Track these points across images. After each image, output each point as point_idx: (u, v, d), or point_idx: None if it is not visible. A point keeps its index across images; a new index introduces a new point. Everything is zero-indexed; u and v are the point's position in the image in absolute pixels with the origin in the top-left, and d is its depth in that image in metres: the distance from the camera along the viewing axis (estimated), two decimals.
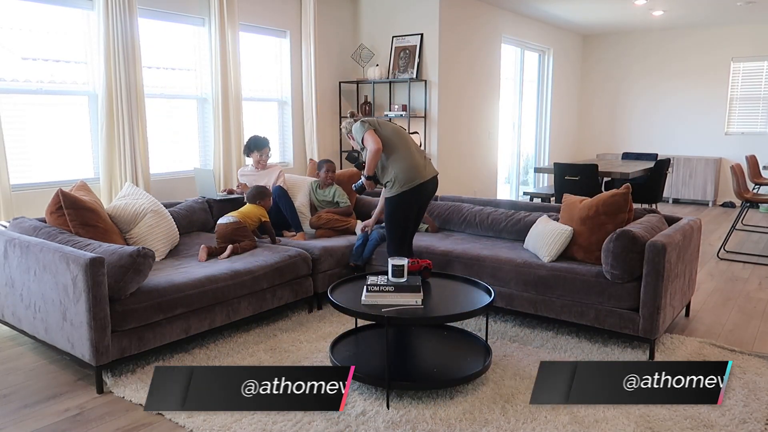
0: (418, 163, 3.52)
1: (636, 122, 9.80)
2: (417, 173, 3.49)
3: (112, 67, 4.63)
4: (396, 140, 3.53)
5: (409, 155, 3.52)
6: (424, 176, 3.51)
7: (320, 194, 4.69)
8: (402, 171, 3.47)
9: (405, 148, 3.53)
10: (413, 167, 3.49)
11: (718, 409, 2.64)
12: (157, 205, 3.85)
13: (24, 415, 2.60)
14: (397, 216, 3.55)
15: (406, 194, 3.48)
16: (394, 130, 3.60)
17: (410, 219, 3.60)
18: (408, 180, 3.47)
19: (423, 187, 3.52)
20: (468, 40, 7.09)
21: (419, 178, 3.49)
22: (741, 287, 4.59)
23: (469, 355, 2.99)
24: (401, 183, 3.47)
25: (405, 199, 3.49)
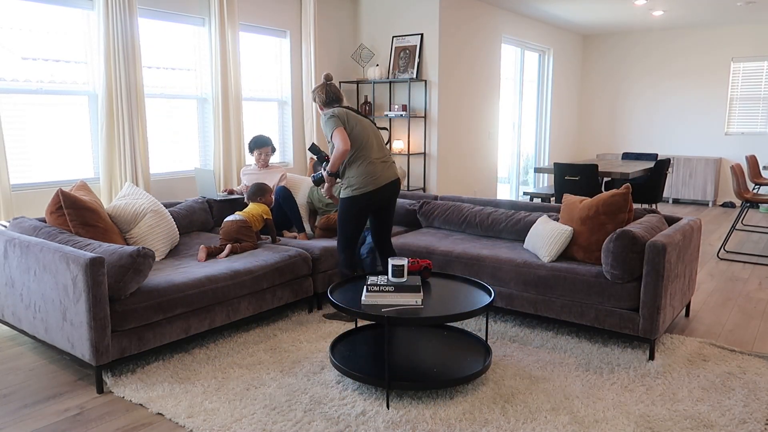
0: (375, 170, 3.51)
1: (636, 122, 9.80)
2: (372, 180, 3.49)
3: (112, 67, 4.63)
4: (361, 141, 3.51)
5: (368, 160, 3.52)
6: (378, 183, 3.51)
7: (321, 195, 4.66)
8: (357, 176, 3.49)
9: (367, 150, 3.52)
10: (370, 173, 3.49)
11: (718, 409, 2.65)
12: (157, 205, 3.86)
13: (24, 415, 2.60)
14: (347, 216, 3.56)
15: (357, 198, 3.51)
16: (362, 128, 3.55)
17: (361, 220, 3.58)
18: (361, 185, 3.49)
19: (375, 193, 3.52)
20: (468, 40, 7.09)
21: (372, 185, 3.49)
22: (741, 287, 4.59)
23: (469, 355, 2.99)
24: (353, 188, 3.50)
25: (356, 202, 3.52)
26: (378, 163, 3.54)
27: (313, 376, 2.96)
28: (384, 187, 3.54)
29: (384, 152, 3.63)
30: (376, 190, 3.51)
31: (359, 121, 3.56)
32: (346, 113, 3.53)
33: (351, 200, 3.52)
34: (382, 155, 3.61)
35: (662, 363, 3.12)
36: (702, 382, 2.90)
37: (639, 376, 2.97)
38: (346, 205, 3.55)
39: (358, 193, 3.48)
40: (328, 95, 3.65)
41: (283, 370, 3.03)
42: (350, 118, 3.53)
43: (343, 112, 3.52)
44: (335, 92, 3.66)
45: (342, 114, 3.51)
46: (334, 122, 3.44)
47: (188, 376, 2.96)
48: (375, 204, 3.56)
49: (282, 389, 2.81)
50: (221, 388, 2.83)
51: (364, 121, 3.62)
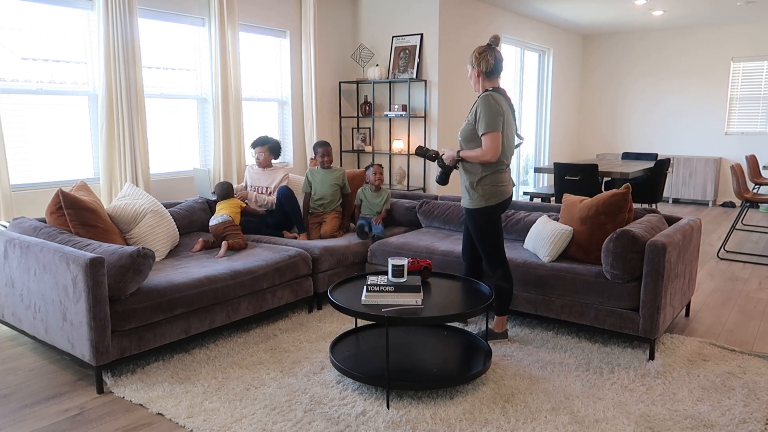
0: (505, 177, 3.26)
1: (636, 122, 9.80)
2: (504, 189, 3.24)
3: (112, 67, 4.63)
4: (506, 146, 3.20)
5: (505, 165, 3.24)
6: (508, 192, 3.27)
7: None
8: (494, 183, 3.20)
9: (507, 156, 3.24)
10: (504, 181, 3.24)
11: (718, 409, 2.65)
12: (157, 205, 3.86)
13: (24, 415, 2.60)
14: (489, 227, 3.25)
15: (493, 209, 3.23)
16: (509, 130, 3.22)
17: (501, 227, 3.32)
18: (497, 194, 3.21)
19: (505, 203, 3.28)
20: (468, 40, 7.09)
21: (505, 194, 3.25)
22: (741, 287, 4.59)
23: (469, 355, 2.99)
24: (487, 197, 3.20)
25: (493, 212, 3.24)
26: (508, 170, 3.29)
27: (313, 376, 2.96)
28: (510, 197, 3.31)
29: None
30: (507, 200, 3.27)
31: (508, 120, 3.20)
32: (505, 111, 3.15)
33: (486, 211, 3.22)
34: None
35: (662, 363, 3.12)
36: (702, 382, 2.90)
37: (639, 376, 2.97)
38: (483, 217, 3.22)
39: (494, 202, 3.20)
40: (497, 63, 3.15)
41: (283, 370, 3.03)
42: (506, 117, 3.16)
43: (503, 107, 3.13)
44: (498, 61, 3.15)
45: (503, 110, 3.13)
46: (495, 121, 3.06)
47: (188, 376, 2.96)
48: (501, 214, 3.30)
49: (282, 389, 2.81)
50: (221, 388, 2.83)
51: (509, 116, 3.23)
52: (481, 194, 3.19)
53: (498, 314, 3.41)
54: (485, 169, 3.18)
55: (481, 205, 3.20)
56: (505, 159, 3.22)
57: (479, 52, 3.13)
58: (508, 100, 3.20)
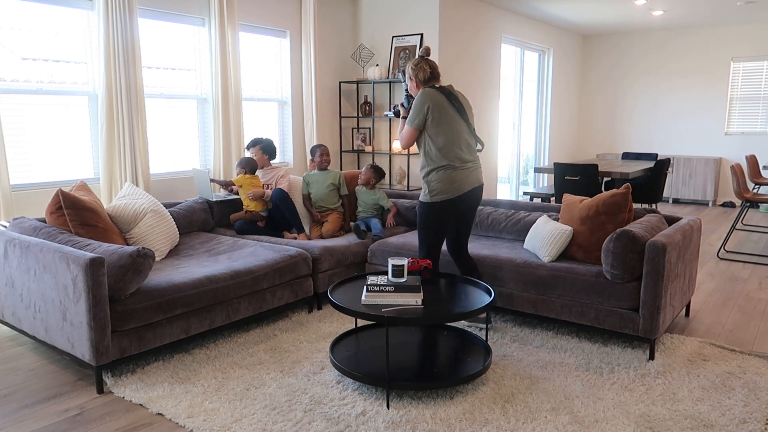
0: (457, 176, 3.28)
1: (636, 122, 9.80)
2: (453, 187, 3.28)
3: (112, 67, 4.63)
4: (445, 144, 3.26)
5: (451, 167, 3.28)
6: (460, 190, 3.30)
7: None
8: (437, 181, 3.27)
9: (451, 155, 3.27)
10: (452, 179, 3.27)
11: (718, 409, 2.65)
12: (157, 205, 3.86)
13: (24, 415, 2.60)
14: (427, 223, 3.36)
15: (436, 205, 3.30)
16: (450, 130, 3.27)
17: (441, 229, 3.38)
18: (441, 191, 3.28)
19: (456, 201, 3.31)
20: (468, 40, 7.09)
21: (453, 192, 3.28)
22: (741, 287, 4.59)
23: (469, 355, 2.99)
24: (433, 193, 3.29)
25: (435, 209, 3.31)
26: (461, 170, 3.30)
27: (313, 376, 2.96)
28: (466, 194, 3.32)
29: (472, 156, 3.38)
30: (459, 197, 3.29)
31: (450, 121, 3.26)
32: (439, 107, 3.25)
33: (430, 206, 3.32)
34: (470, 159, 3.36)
35: (662, 363, 3.12)
36: (702, 382, 2.90)
37: (639, 376, 2.97)
38: (424, 211, 3.34)
39: (438, 199, 3.27)
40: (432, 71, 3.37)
41: (283, 370, 3.03)
42: (443, 114, 3.25)
43: (437, 102, 3.25)
44: (434, 68, 3.36)
45: (435, 105, 3.24)
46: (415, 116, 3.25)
47: (188, 376, 2.96)
48: (454, 212, 3.35)
49: (282, 389, 2.81)
50: (221, 388, 2.83)
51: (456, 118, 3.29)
52: (427, 189, 3.32)
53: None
54: (429, 163, 3.29)
55: (425, 199, 3.33)
56: (447, 158, 3.25)
57: (415, 64, 3.37)
58: (453, 97, 3.28)
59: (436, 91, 3.26)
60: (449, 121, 3.25)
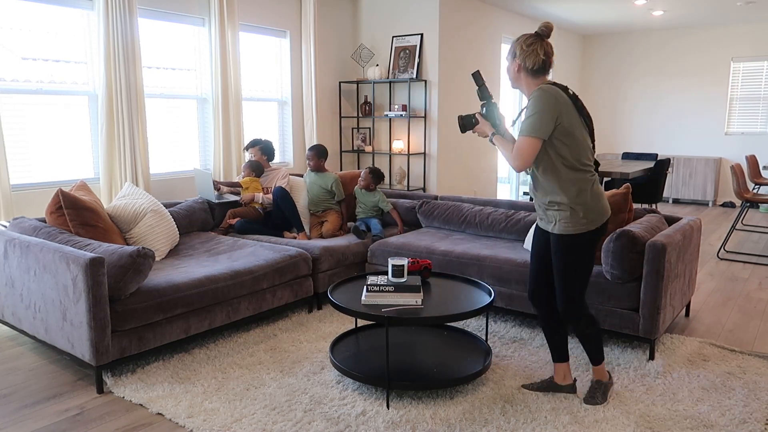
0: (602, 191, 2.55)
1: (636, 122, 9.80)
2: (604, 207, 2.52)
3: (112, 67, 4.63)
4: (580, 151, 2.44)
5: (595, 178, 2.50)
6: (608, 211, 2.54)
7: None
8: (588, 201, 2.45)
9: (588, 162, 2.48)
10: (601, 196, 2.51)
11: (718, 409, 2.64)
12: (157, 205, 3.86)
13: (24, 415, 2.60)
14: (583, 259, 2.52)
15: (592, 234, 2.48)
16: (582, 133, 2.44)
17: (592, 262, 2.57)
18: (596, 214, 2.47)
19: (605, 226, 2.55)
20: (468, 40, 7.09)
21: (605, 213, 2.52)
22: (741, 287, 4.59)
23: (469, 355, 2.99)
24: (587, 220, 2.46)
25: (591, 238, 2.49)
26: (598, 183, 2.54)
27: (313, 376, 2.96)
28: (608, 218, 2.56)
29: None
30: (607, 222, 2.54)
31: (579, 123, 2.44)
32: (568, 112, 2.39)
33: (584, 237, 2.46)
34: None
35: (662, 363, 3.12)
36: (702, 382, 2.90)
37: (639, 376, 2.97)
38: (578, 245, 2.47)
39: (594, 226, 2.45)
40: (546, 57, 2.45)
41: (283, 370, 3.03)
42: (573, 118, 2.41)
43: (562, 106, 2.38)
44: (549, 56, 2.45)
45: (562, 110, 2.38)
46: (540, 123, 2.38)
47: (188, 376, 2.96)
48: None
49: (282, 389, 2.81)
50: (221, 388, 2.83)
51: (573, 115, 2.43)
52: (583, 213, 2.42)
53: (594, 364, 2.71)
54: (575, 175, 2.43)
55: (581, 229, 2.44)
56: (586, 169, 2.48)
57: (528, 43, 2.43)
58: (574, 100, 2.46)
59: (558, 91, 2.42)
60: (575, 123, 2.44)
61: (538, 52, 2.42)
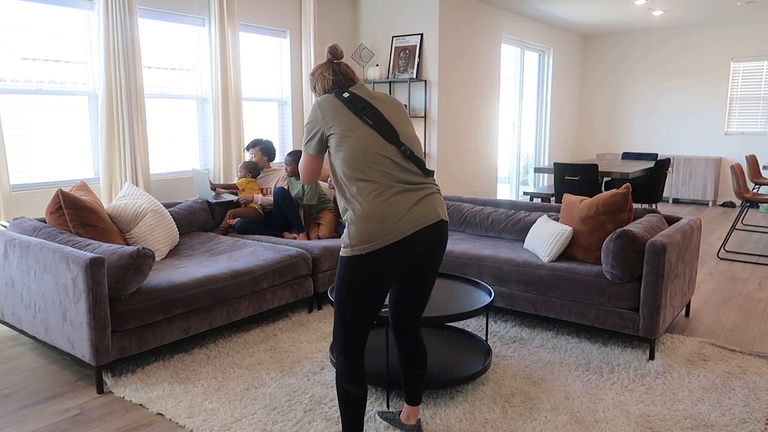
0: (390, 208, 2.02)
1: (636, 122, 9.80)
2: (385, 228, 2.00)
3: (112, 67, 4.63)
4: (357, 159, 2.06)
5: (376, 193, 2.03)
6: (400, 231, 2.00)
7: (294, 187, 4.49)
8: (358, 222, 2.02)
9: (375, 173, 2.06)
10: (379, 215, 2.01)
11: (718, 409, 2.64)
12: (157, 205, 3.86)
13: (24, 415, 2.60)
14: (348, 289, 2.06)
15: (361, 260, 2.02)
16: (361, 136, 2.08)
17: (373, 296, 2.06)
18: (367, 238, 2.00)
19: (396, 248, 2.02)
20: (468, 40, 7.09)
21: (388, 235, 1.99)
22: (741, 287, 4.59)
23: (469, 355, 2.99)
24: (353, 243, 2.02)
25: (360, 266, 2.02)
26: (396, 195, 2.06)
27: (313, 376, 2.96)
28: (413, 236, 2.04)
29: (409, 174, 2.12)
30: (398, 243, 2.02)
31: (358, 126, 2.10)
32: (331, 104, 2.14)
33: (350, 261, 2.04)
34: (407, 179, 2.10)
35: (662, 363, 3.12)
36: (702, 382, 2.90)
37: (639, 376, 2.97)
38: (343, 270, 2.06)
39: (364, 251, 2.01)
40: (336, 76, 2.27)
41: (283, 370, 3.03)
42: (349, 123, 2.10)
43: (328, 114, 2.12)
44: (345, 73, 2.28)
45: (327, 112, 2.13)
46: (308, 136, 2.17)
47: (188, 376, 2.96)
48: (398, 265, 2.07)
49: (282, 389, 2.81)
50: (221, 388, 2.83)
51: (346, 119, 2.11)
52: (348, 233, 2.05)
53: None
54: (353, 188, 2.07)
55: (346, 253, 2.04)
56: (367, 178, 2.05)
57: (315, 72, 2.32)
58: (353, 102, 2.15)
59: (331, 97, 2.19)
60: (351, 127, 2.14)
61: (325, 75, 2.27)
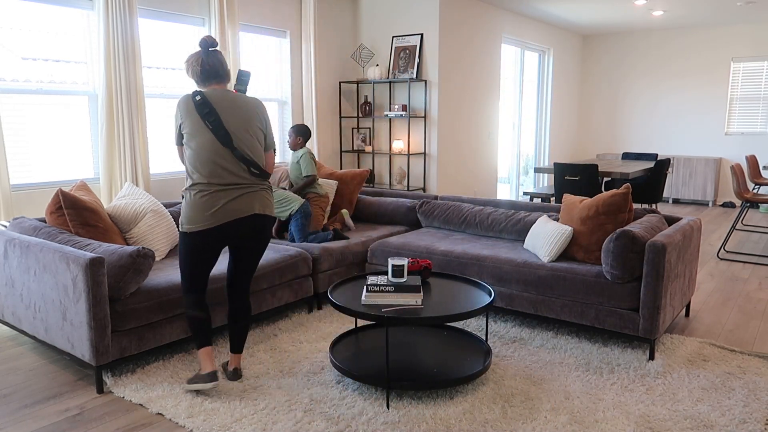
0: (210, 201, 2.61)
1: (636, 122, 9.80)
2: (204, 216, 2.62)
3: (112, 67, 4.63)
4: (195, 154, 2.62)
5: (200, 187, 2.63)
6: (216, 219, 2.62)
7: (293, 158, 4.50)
8: (186, 206, 2.64)
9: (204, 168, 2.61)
10: (200, 205, 2.62)
11: (718, 409, 2.64)
12: (157, 205, 3.85)
13: (24, 415, 2.60)
14: (180, 253, 2.75)
15: (188, 236, 2.66)
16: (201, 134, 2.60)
17: (199, 260, 2.72)
18: (190, 220, 2.63)
19: (210, 233, 2.64)
20: (468, 40, 7.09)
21: (205, 221, 2.62)
22: (741, 287, 4.59)
23: (469, 355, 2.99)
24: (182, 222, 2.66)
25: (186, 240, 2.68)
26: (218, 192, 2.62)
27: (313, 376, 2.96)
28: (227, 224, 2.64)
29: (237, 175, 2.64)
30: (213, 228, 2.62)
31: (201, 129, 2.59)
32: (186, 106, 2.60)
33: (182, 236, 2.69)
34: (233, 181, 2.63)
35: (662, 363, 3.12)
36: (702, 382, 2.90)
37: (639, 376, 2.97)
38: (180, 241, 2.72)
39: (188, 230, 2.63)
40: (203, 66, 2.67)
41: (283, 370, 3.03)
42: (194, 124, 2.59)
43: (185, 106, 2.61)
44: (212, 65, 2.66)
45: (182, 111, 2.61)
46: (175, 132, 2.70)
47: (188, 376, 2.96)
48: (218, 244, 2.69)
49: (282, 389, 2.81)
50: (221, 388, 2.83)
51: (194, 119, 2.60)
52: (183, 213, 2.67)
53: (197, 347, 2.81)
54: (187, 180, 2.68)
55: (181, 229, 2.68)
56: (200, 175, 2.61)
57: (187, 59, 2.70)
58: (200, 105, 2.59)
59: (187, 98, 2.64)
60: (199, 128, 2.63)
61: (194, 64, 2.66)
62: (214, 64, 2.65)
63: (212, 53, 2.68)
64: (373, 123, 7.02)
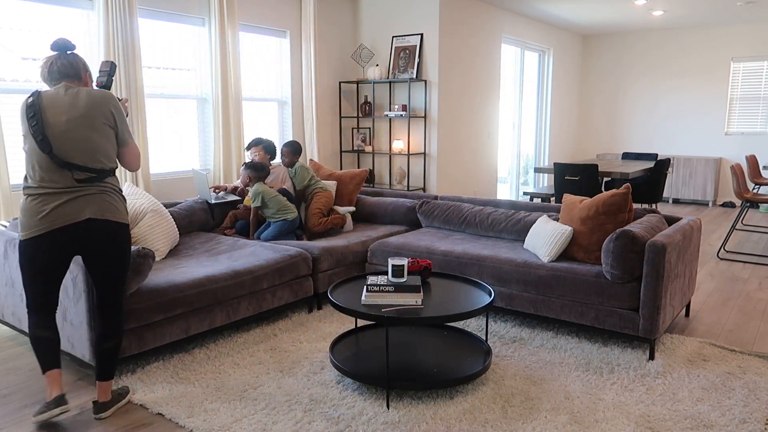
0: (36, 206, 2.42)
1: (636, 122, 9.80)
2: (30, 221, 2.43)
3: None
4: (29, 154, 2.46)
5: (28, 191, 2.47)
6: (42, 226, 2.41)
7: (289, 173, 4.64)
8: (20, 212, 2.48)
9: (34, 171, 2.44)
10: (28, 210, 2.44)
11: (718, 409, 2.65)
12: (157, 205, 3.86)
13: (24, 415, 2.60)
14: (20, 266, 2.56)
15: (20, 245, 2.47)
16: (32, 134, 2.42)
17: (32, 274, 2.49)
18: (22, 227, 2.45)
19: (41, 241, 2.43)
20: (468, 40, 7.09)
21: (31, 227, 2.43)
22: (741, 287, 4.59)
23: (469, 355, 2.99)
24: (20, 228, 2.47)
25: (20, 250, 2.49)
26: (45, 197, 2.42)
27: (313, 376, 2.96)
28: (58, 231, 2.41)
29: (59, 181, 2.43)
30: (42, 235, 2.41)
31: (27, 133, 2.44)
32: (21, 108, 2.46)
33: (18, 247, 2.56)
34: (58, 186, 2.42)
35: (662, 363, 3.12)
36: (702, 382, 2.90)
37: (639, 376, 2.97)
38: (17, 251, 2.61)
39: (21, 237, 2.45)
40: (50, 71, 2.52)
41: (283, 370, 3.03)
42: (21, 117, 2.46)
43: (21, 108, 2.46)
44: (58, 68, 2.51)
45: (21, 114, 2.46)
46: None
47: (188, 376, 2.96)
48: (55, 253, 2.45)
49: (282, 389, 2.81)
50: (221, 388, 2.83)
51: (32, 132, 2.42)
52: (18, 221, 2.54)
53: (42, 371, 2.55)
54: (25, 182, 2.49)
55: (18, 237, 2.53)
56: (31, 179, 2.45)
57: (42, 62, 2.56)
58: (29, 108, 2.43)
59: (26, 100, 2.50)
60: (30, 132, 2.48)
61: (42, 67, 2.53)
62: (63, 64, 2.51)
63: (70, 56, 2.54)
64: (373, 123, 7.02)
